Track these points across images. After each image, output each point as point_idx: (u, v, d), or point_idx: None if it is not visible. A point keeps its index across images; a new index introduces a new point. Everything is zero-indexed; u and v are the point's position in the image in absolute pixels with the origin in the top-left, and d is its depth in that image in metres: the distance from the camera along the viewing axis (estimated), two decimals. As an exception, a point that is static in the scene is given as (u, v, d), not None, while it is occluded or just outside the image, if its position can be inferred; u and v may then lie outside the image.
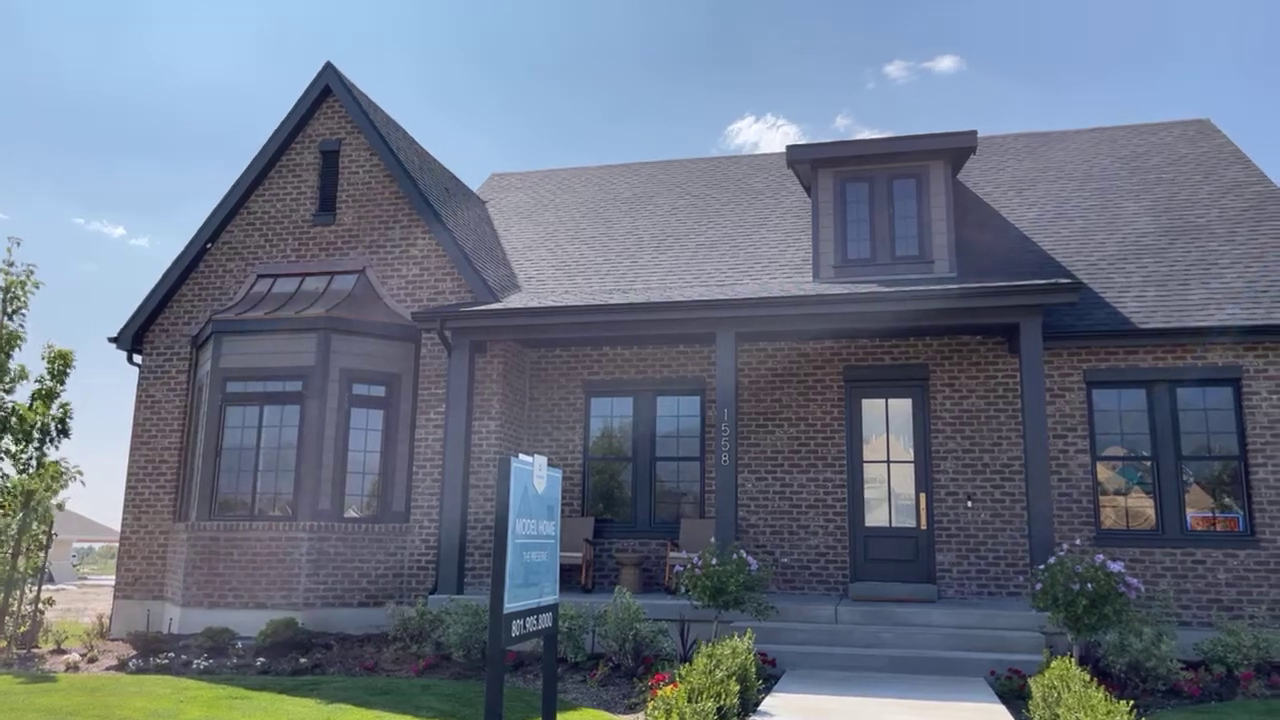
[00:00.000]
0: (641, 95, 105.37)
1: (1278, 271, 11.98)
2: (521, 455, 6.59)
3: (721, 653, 7.63)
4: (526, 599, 6.44)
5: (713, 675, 6.87)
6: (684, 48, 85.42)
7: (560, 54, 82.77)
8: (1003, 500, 11.69)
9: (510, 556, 6.21)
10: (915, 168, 12.93)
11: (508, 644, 6.24)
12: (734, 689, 6.71)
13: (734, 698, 6.64)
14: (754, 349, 12.79)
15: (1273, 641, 9.40)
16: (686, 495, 12.85)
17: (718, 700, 6.43)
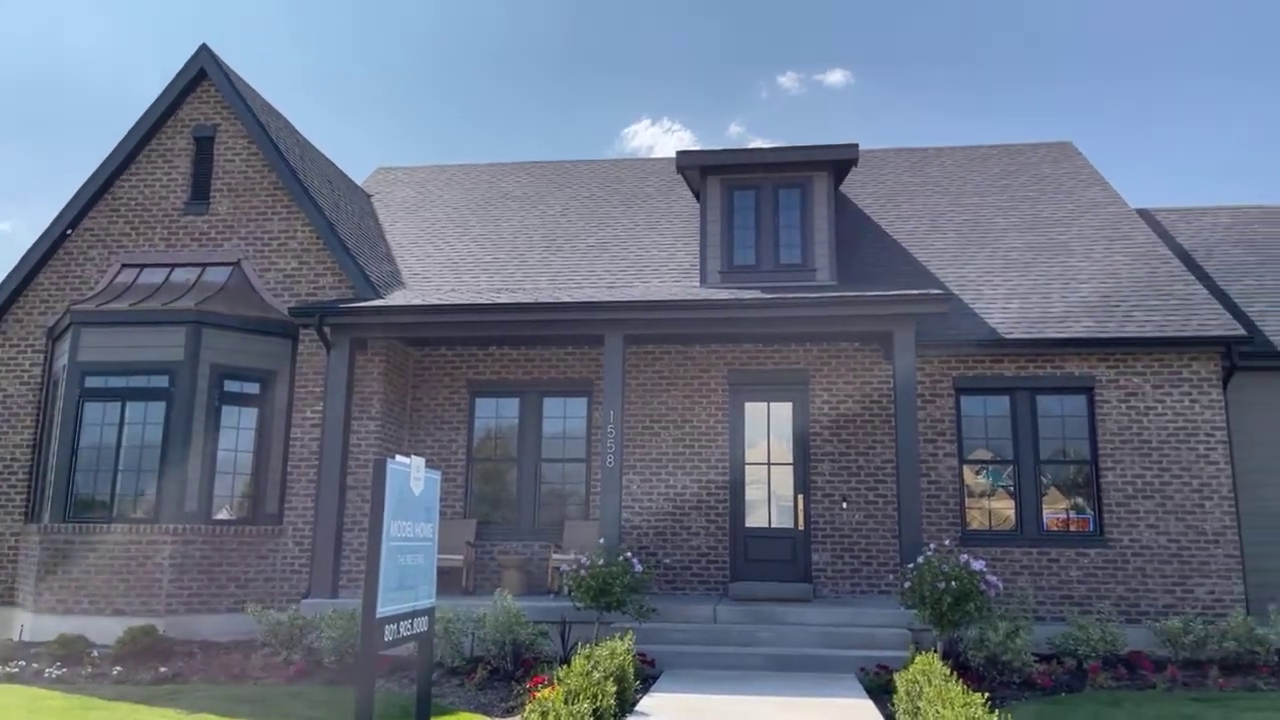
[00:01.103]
0: (536, 96, 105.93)
1: (1130, 288, 12.77)
2: (399, 456, 6.47)
3: (600, 654, 7.65)
4: (401, 603, 6.32)
5: (590, 677, 6.88)
6: (581, 49, 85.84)
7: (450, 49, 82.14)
8: (876, 502, 12.09)
9: (384, 559, 6.09)
10: (800, 178, 13.26)
11: (380, 649, 6.11)
12: (611, 690, 6.73)
13: (610, 699, 6.67)
14: (641, 351, 12.88)
15: (1118, 635, 10.02)
16: (571, 497, 12.83)
17: (594, 702, 6.44)
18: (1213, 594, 11.23)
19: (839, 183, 13.93)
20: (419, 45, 48.72)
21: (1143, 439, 11.73)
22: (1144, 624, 10.92)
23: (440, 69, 49.47)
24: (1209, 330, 11.62)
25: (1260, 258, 14.47)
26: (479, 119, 50.39)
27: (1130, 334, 11.74)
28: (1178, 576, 11.36)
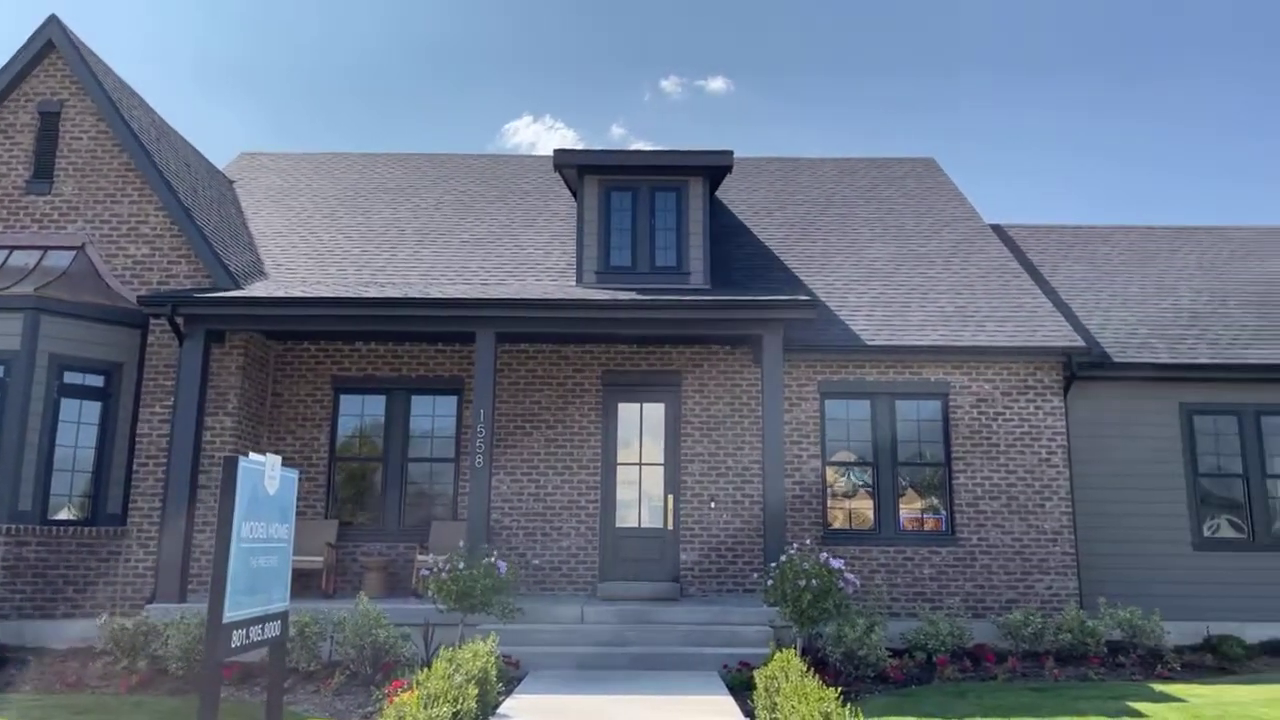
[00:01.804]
0: (416, 86, 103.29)
1: (984, 297, 13.45)
2: (253, 454, 6.20)
3: (463, 656, 7.53)
4: (251, 607, 6.05)
5: (451, 680, 6.76)
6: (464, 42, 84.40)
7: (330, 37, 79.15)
8: (743, 502, 12.34)
9: (233, 562, 5.81)
10: (677, 182, 13.41)
11: (227, 655, 5.84)
12: (472, 693, 6.63)
13: (471, 701, 6.56)
14: (514, 350, 12.75)
15: (966, 630, 10.53)
16: (439, 497, 12.60)
17: (454, 705, 6.33)
18: (1050, 589, 11.94)
19: (715, 188, 14.15)
20: (294, 30, 47.02)
21: (991, 443, 12.37)
22: (989, 618, 11.50)
23: (317, 57, 47.87)
24: (1053, 341, 12.35)
25: (1099, 274, 15.48)
26: (355, 109, 49.00)
27: (982, 343, 12.36)
28: (1020, 573, 12.02)
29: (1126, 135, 42.74)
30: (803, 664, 7.49)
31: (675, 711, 7.50)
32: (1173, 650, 10.73)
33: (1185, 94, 41.44)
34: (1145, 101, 42.02)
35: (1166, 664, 10.21)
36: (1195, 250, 16.37)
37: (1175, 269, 15.68)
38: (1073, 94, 42.79)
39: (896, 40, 43.49)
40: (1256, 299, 14.65)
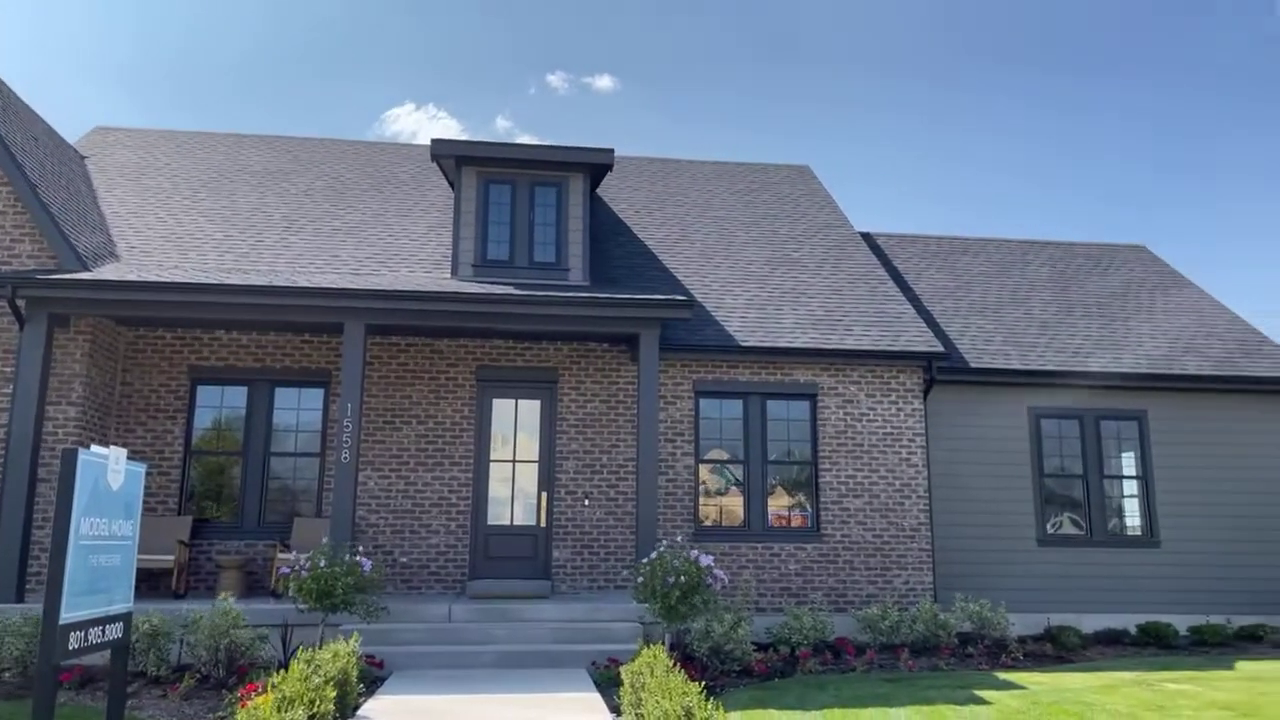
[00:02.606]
0: (293, 69, 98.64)
1: (852, 303, 13.90)
2: (95, 447, 5.85)
3: (323, 658, 7.29)
4: (91, 607, 5.72)
5: (309, 682, 6.53)
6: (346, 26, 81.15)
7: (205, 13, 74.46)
8: (616, 499, 12.39)
9: (71, 560, 5.48)
10: (557, 177, 13.34)
11: (64, 658, 5.50)
12: (330, 694, 6.43)
13: (329, 704, 6.36)
14: (386, 343, 12.43)
15: (828, 623, 10.86)
16: (304, 493, 12.17)
17: (310, 707, 6.12)
18: (908, 584, 12.45)
19: (595, 185, 14.15)
20: (169, 6, 44.55)
21: (856, 442, 12.80)
22: (850, 612, 11.90)
23: (192, 35, 45.48)
24: (914, 346, 12.87)
25: (959, 283, 16.24)
26: (228, 91, 46.82)
27: (849, 346, 12.78)
28: (880, 568, 12.48)
29: (988, 146, 45.01)
30: (669, 659, 7.57)
31: (541, 709, 7.46)
32: (1017, 640, 11.37)
33: (1055, 112, 43.94)
34: (1007, 113, 44.34)
35: (1010, 654, 10.79)
36: (1047, 263, 17.37)
37: (1028, 280, 16.60)
38: (948, 103, 44.77)
39: (780, 43, 44.53)
40: (1099, 310, 15.65)
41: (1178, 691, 8.83)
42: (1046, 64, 43.25)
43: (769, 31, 44.43)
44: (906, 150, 45.42)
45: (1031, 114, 43.33)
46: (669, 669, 6.94)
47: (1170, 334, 15.06)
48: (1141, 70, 42.08)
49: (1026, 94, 43.24)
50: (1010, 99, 43.33)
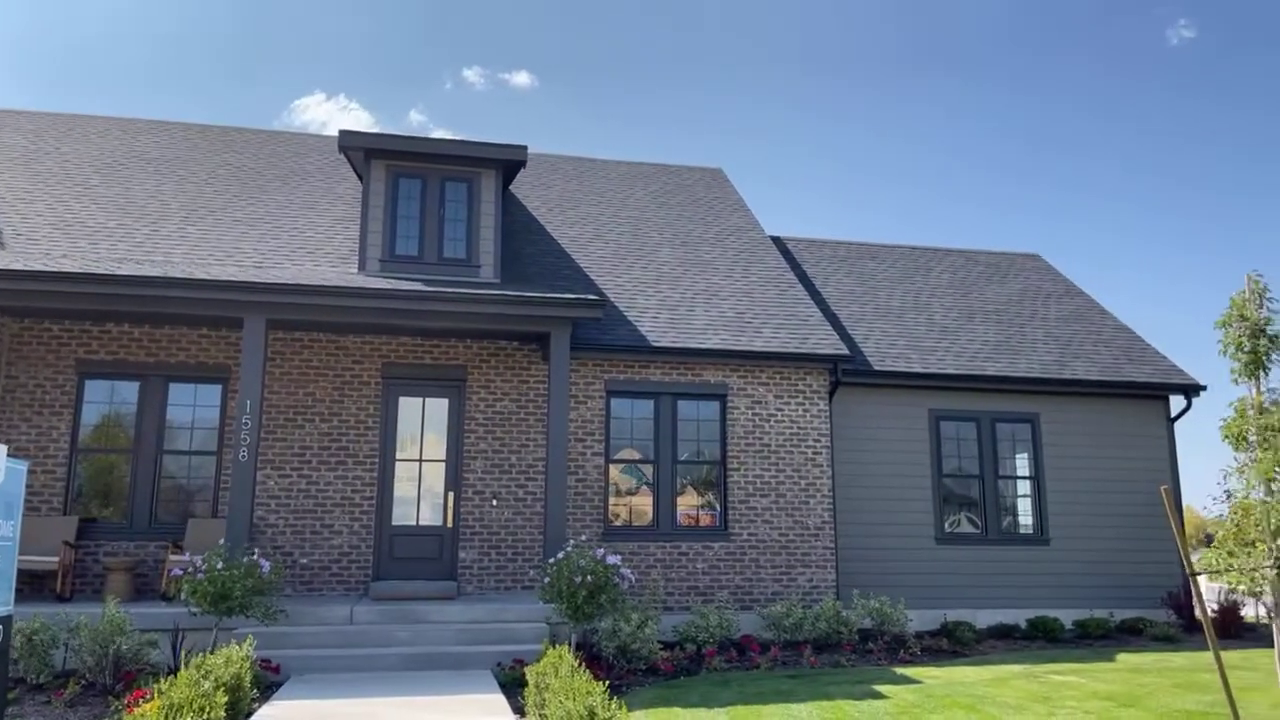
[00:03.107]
0: (199, 55, 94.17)
1: (762, 305, 14.11)
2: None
3: (215, 662, 7.06)
4: (-38, 613, 5.42)
5: (199, 687, 6.32)
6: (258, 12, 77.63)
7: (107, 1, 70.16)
8: (525, 499, 12.31)
9: (-61, 563, 5.18)
10: (469, 173, 13.18)
11: (-71, 669, 5.20)
12: (221, 700, 6.22)
13: (220, 710, 6.16)
14: (289, 338, 12.10)
15: (733, 621, 11.01)
16: (199, 493, 11.76)
17: (200, 714, 5.92)
18: (811, 582, 12.69)
19: (508, 182, 14.04)
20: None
21: (764, 443, 12.99)
22: (755, 610, 12.07)
23: (99, 23, 43.47)
24: (821, 349, 13.13)
25: (865, 288, 16.64)
26: (133, 75, 44.94)
27: (759, 348, 12.96)
28: (785, 566, 12.70)
29: (899, 153, 46.21)
30: (575, 659, 7.56)
31: (444, 712, 7.36)
32: (915, 636, 11.70)
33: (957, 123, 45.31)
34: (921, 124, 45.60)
35: (909, 649, 11.10)
36: (948, 270, 17.93)
37: (930, 286, 17.10)
38: (859, 109, 45.82)
39: (698, 48, 44.97)
40: (996, 317, 16.23)
41: (1063, 683, 9.21)
42: (965, 75, 44.69)
43: (686, 36, 44.84)
44: (816, 155, 46.38)
45: (944, 123, 44.70)
46: (574, 669, 6.93)
47: (1062, 340, 15.70)
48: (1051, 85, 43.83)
49: (939, 102, 44.58)
50: (919, 106, 44.62)
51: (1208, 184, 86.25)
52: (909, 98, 43.84)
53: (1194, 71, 41.68)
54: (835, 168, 44.63)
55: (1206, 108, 67.76)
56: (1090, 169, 43.57)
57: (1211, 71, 50.21)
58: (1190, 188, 70.08)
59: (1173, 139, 49.61)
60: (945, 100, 43.79)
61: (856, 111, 44.93)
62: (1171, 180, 43.01)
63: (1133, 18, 40.96)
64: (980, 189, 43.69)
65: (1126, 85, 41.46)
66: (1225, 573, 5.97)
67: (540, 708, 6.79)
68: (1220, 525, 6.08)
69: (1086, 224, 41.16)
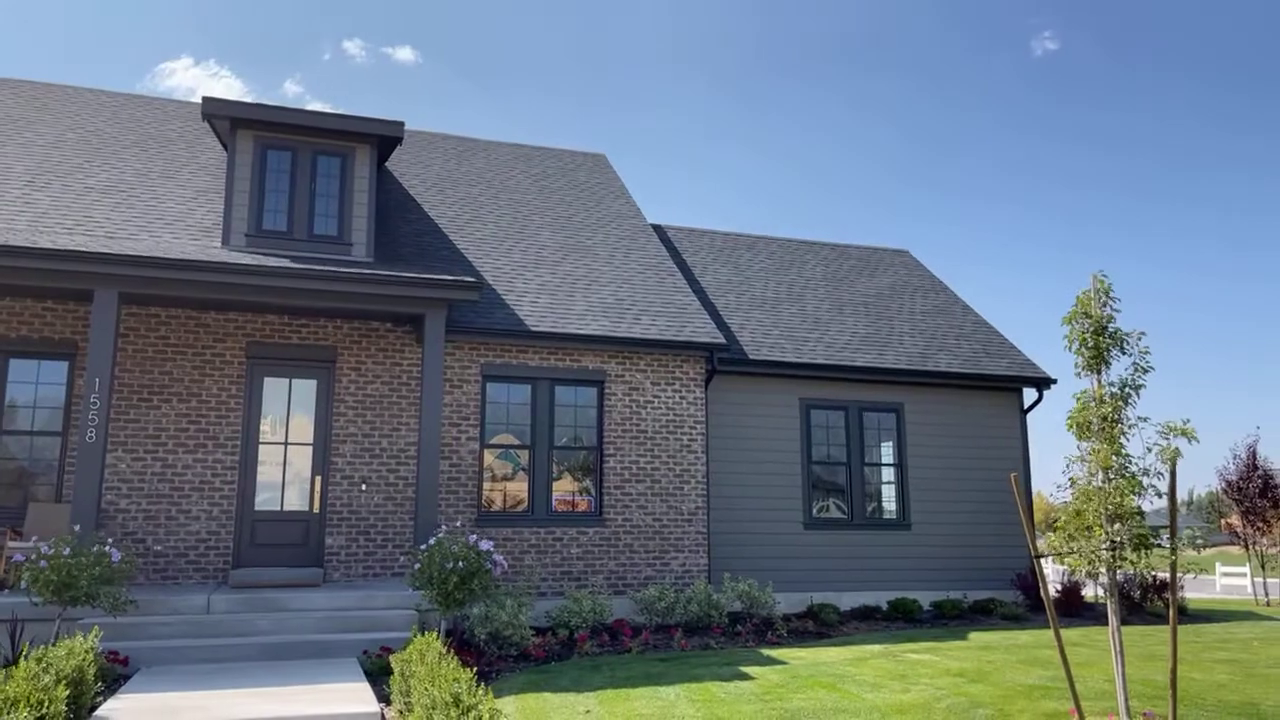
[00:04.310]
0: (52, 9, 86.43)
1: (641, 292, 14.18)
2: None
3: (55, 655, 6.63)
4: None
5: (38, 680, 5.92)
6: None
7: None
8: (396, 484, 12.03)
9: None
10: (342, 147, 12.75)
11: None
12: (62, 694, 5.85)
13: (61, 704, 5.79)
14: (144, 314, 11.45)
15: (606, 606, 11.06)
16: (42, 476, 11.02)
17: (38, 709, 5.55)
18: (684, 566, 12.88)
19: (384, 159, 13.65)
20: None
21: (640, 429, 13.08)
22: (629, 595, 12.17)
23: (-95, -54, 39.81)
24: (698, 337, 13.30)
25: (742, 278, 16.94)
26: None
27: (637, 335, 13.03)
28: (659, 551, 12.84)
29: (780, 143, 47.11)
30: (444, 646, 7.45)
31: (305, 701, 7.13)
32: (782, 618, 12.03)
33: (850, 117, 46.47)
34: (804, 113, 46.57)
35: (776, 631, 11.40)
36: (821, 263, 18.43)
37: (804, 278, 17.55)
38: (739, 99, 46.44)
39: (583, 30, 44.70)
40: (866, 309, 16.79)
41: (918, 661, 9.63)
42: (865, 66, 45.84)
43: (575, 21, 44.50)
44: (697, 143, 46.86)
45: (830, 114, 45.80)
46: (441, 656, 6.83)
47: (927, 333, 16.37)
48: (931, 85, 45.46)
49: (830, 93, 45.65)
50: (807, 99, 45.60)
51: (1068, 182, 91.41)
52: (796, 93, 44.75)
53: (1057, 77, 43.65)
54: (719, 152, 45.20)
55: (1069, 110, 71.38)
56: (960, 167, 45.57)
57: (1079, 77, 52.64)
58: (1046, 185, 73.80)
59: (1036, 140, 52.03)
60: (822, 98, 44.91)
61: (748, 100, 45.58)
62: (1030, 179, 45.31)
63: (1007, 27, 42.94)
64: (854, 183, 45.15)
65: (994, 88, 43.49)
66: (1067, 556, 6.34)
67: (405, 695, 6.67)
68: (1064, 511, 6.46)
69: (953, 221, 43.12)
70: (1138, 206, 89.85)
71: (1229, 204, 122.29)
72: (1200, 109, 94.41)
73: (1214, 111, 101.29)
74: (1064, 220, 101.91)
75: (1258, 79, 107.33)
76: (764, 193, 53.76)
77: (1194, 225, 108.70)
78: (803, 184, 52.76)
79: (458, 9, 46.74)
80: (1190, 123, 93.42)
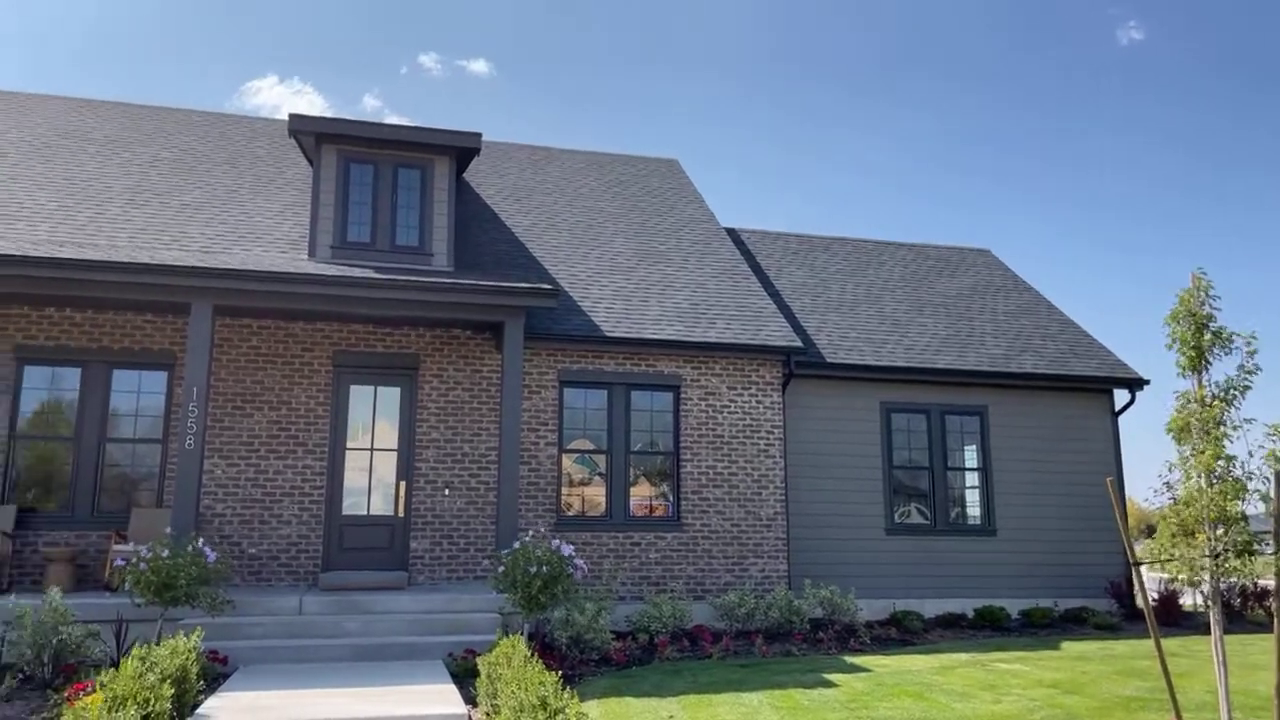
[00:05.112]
0: (147, 32, 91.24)
1: (716, 296, 14.16)
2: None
3: (159, 654, 6.90)
4: (-109, 605, 5.23)
5: (143, 679, 6.18)
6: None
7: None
8: (478, 489, 12.22)
9: None
10: (422, 159, 13.03)
11: None
12: (166, 693, 6.09)
13: (165, 702, 6.02)
14: (237, 325, 11.87)
15: (686, 611, 11.06)
16: (144, 482, 11.49)
17: (144, 707, 5.79)
18: (763, 572, 12.79)
19: (462, 169, 13.90)
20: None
21: (717, 434, 13.05)
22: (708, 600, 12.14)
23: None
24: (774, 340, 13.22)
25: (818, 280, 16.78)
26: (77, 53, 43.62)
27: (712, 339, 13.01)
28: (737, 557, 12.78)
29: (856, 149, 46.56)
30: (528, 649, 7.53)
31: (394, 702, 7.29)
32: (864, 625, 11.86)
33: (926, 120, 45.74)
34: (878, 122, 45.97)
35: (858, 638, 11.25)
36: (899, 263, 18.15)
37: (882, 279, 17.30)
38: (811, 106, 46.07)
39: (653, 39, 44.88)
40: (946, 310, 16.47)
41: (1009, 671, 9.40)
42: (930, 71, 45.18)
43: (642, 31, 44.72)
44: (769, 151, 46.61)
45: (901, 119, 45.14)
46: (527, 659, 6.90)
47: (1011, 334, 15.99)
48: (1005, 84, 44.50)
49: (896, 100, 45.02)
50: (875, 104, 45.05)
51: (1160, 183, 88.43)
52: (874, 96, 44.21)
53: (1142, 71, 42.30)
54: (790, 160, 44.92)
55: (1152, 107, 69.18)
56: (1039, 167, 44.35)
57: (1160, 71, 50.99)
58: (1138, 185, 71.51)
59: (1126, 139, 50.33)
60: (908, 98, 44.27)
61: (821, 108, 45.25)
62: (1122, 179, 43.78)
63: (1084, 18, 41.80)
64: (932, 185, 44.42)
65: (1077, 85, 42.31)
66: (1167, 563, 6.13)
67: (492, 697, 6.76)
68: (1162, 516, 6.23)
69: (1035, 221, 42.08)
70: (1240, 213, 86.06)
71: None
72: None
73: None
74: (1154, 223, 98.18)
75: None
76: (835, 197, 52.90)
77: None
78: (879, 188, 51.72)
79: (528, 22, 47.57)
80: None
